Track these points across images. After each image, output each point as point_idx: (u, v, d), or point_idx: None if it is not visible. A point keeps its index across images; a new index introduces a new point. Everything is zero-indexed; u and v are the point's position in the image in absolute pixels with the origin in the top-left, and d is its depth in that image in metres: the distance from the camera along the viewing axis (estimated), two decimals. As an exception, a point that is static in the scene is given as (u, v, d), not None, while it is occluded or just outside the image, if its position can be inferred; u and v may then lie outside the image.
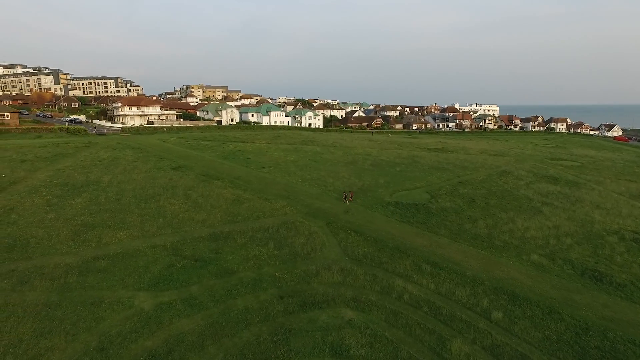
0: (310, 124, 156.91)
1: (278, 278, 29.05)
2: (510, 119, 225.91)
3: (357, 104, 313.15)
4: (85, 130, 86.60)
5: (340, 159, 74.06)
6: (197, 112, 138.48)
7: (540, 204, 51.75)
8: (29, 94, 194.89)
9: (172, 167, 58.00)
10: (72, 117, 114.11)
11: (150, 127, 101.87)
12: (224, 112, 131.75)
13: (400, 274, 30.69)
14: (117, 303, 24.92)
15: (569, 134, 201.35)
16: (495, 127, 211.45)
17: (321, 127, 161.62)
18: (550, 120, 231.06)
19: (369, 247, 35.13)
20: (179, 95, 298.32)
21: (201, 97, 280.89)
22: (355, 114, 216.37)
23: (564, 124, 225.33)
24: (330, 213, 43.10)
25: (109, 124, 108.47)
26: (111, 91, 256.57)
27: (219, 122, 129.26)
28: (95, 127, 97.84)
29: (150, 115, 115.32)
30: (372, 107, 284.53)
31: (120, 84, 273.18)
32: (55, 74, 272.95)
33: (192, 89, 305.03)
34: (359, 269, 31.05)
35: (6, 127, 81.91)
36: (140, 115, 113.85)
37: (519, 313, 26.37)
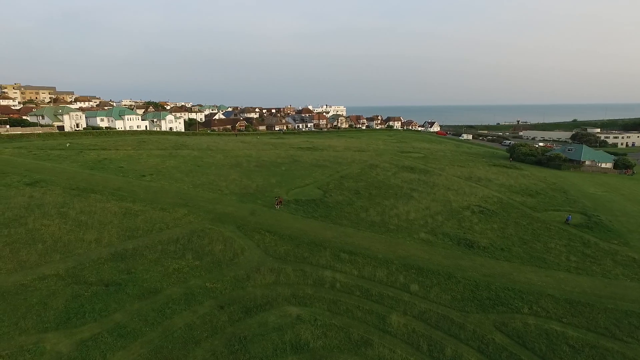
0: (171, 128, 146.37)
1: (210, 288, 27.62)
2: (358, 118, 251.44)
3: (214, 106, 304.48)
4: None
5: (223, 162, 72.01)
6: (27, 117, 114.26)
7: (409, 191, 60.45)
8: None
9: (26, 182, 47.59)
10: None
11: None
12: (66, 117, 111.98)
13: (324, 266, 32.56)
14: (20, 353, 20.17)
15: (404, 130, 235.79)
16: (347, 126, 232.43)
17: (183, 130, 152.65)
18: (388, 119, 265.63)
19: (287, 245, 36.00)
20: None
21: (20, 100, 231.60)
22: (217, 117, 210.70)
23: (399, 122, 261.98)
24: (236, 217, 42.23)
25: None
26: None
27: (61, 127, 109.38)
28: None
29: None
30: (230, 109, 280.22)
31: None
32: None
33: (6, 90, 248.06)
34: (286, 266, 31.72)
35: None
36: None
37: (428, 282, 31.12)
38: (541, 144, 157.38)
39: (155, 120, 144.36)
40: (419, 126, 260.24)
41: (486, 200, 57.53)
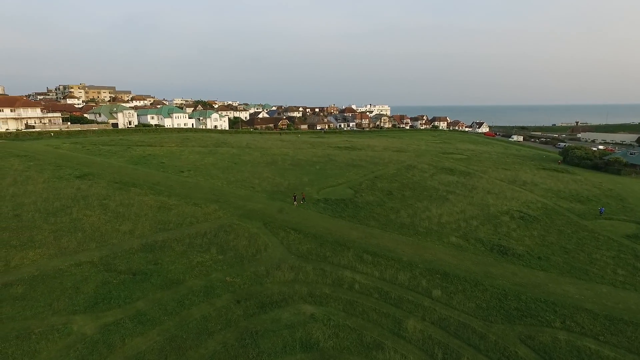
0: (216, 126, 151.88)
1: (229, 282, 28.26)
2: (402, 118, 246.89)
3: (259, 105, 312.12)
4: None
5: (259, 160, 73.60)
6: (87, 115, 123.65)
7: (445, 193, 58.37)
8: None
9: (76, 175, 51.42)
10: None
11: (33, 131, 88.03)
12: (120, 115, 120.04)
13: (345, 266, 32.25)
14: (50, 332, 21.76)
15: (449, 130, 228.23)
16: (390, 125, 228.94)
17: (227, 128, 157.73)
18: (434, 119, 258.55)
19: (310, 244, 36.05)
20: (55, 96, 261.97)
21: (84, 99, 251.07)
22: (260, 115, 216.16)
23: (445, 122, 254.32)
24: (264, 214, 42.94)
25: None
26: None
27: (115, 125, 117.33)
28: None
29: (30, 118, 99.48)
30: (274, 108, 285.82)
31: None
32: None
33: (72, 90, 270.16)
34: (307, 265, 31.78)
35: None
36: (16, 119, 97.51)
37: (452, 289, 29.88)
38: (601, 146, 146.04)
39: (201, 118, 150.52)
40: (466, 127, 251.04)
41: (528, 205, 54.29)
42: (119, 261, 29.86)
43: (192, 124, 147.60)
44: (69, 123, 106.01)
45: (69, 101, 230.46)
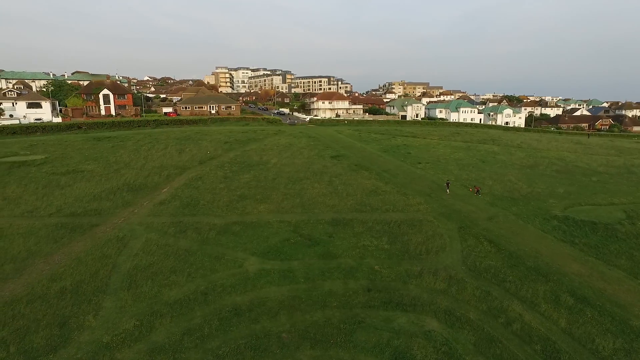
0: (507, 122, 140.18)
1: (375, 271, 28.12)
2: None
3: (582, 101, 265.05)
4: (280, 121, 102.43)
5: (516, 162, 63.82)
6: (386, 107, 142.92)
7: None
8: (260, 91, 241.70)
9: (332, 155, 62.23)
10: (279, 110, 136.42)
11: (333, 119, 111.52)
12: (409, 108, 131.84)
13: (523, 299, 25.09)
14: (232, 261, 29.15)
15: None
16: None
17: (522, 125, 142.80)
18: None
19: (497, 261, 29.83)
20: (381, 92, 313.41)
21: (400, 93, 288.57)
22: (578, 113, 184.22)
23: None
24: (468, 217, 38.29)
25: (303, 115, 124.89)
26: (324, 88, 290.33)
27: (404, 117, 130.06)
28: (289, 118, 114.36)
29: (340, 109, 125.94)
30: (605, 104, 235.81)
31: (332, 82, 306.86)
32: (284, 74, 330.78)
33: (394, 86, 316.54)
34: (471, 281, 26.92)
35: (228, 116, 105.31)
36: (331, 109, 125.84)
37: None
38: None
39: (491, 114, 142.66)
40: None
41: None
42: (305, 227, 35.20)
43: (480, 119, 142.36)
44: (366, 114, 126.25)
45: (389, 95, 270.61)
